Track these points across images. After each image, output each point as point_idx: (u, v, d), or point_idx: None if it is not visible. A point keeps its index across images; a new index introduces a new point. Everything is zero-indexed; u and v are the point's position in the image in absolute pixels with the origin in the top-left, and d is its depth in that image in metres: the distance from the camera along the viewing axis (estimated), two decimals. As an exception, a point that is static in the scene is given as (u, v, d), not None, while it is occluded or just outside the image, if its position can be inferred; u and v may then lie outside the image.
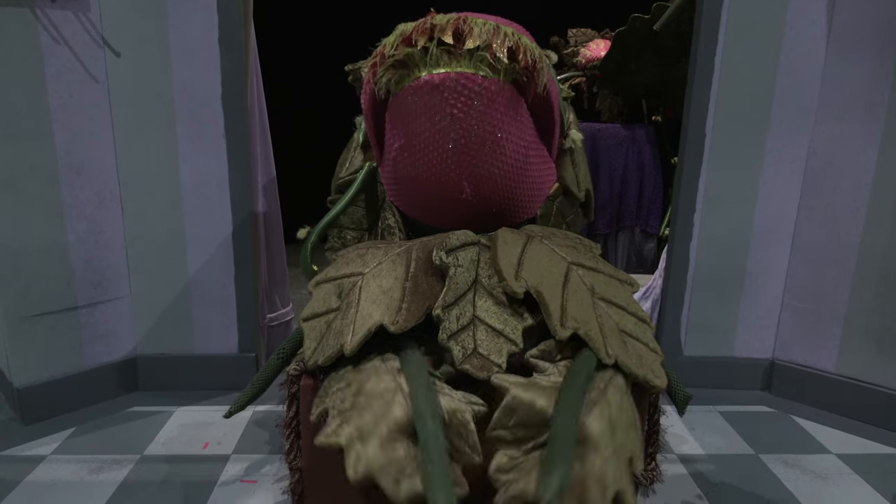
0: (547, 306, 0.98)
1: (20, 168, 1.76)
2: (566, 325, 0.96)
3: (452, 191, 1.16)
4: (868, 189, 1.94)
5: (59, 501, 1.50)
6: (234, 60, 1.94)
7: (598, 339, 0.95)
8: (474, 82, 1.06)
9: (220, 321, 2.12)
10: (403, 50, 1.07)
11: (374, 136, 1.29)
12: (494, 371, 0.94)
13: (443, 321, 0.97)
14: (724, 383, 2.24)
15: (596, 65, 3.38)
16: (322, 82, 4.31)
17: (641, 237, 3.42)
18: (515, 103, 1.13)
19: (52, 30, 1.76)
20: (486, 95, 1.07)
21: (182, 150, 1.98)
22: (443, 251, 1.03)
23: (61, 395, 1.93)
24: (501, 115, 1.11)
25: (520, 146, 1.17)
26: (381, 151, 1.31)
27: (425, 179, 1.16)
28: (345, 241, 1.57)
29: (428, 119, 1.09)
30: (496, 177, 1.16)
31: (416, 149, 1.13)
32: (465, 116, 1.08)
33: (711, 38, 1.99)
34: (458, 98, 1.06)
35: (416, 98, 1.09)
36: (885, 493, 1.61)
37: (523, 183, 1.22)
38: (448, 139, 1.09)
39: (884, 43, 1.86)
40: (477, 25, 1.05)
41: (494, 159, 1.14)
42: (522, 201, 1.25)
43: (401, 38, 1.07)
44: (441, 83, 1.05)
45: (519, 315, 1.01)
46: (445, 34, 1.04)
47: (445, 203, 1.18)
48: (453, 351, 0.95)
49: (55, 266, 1.87)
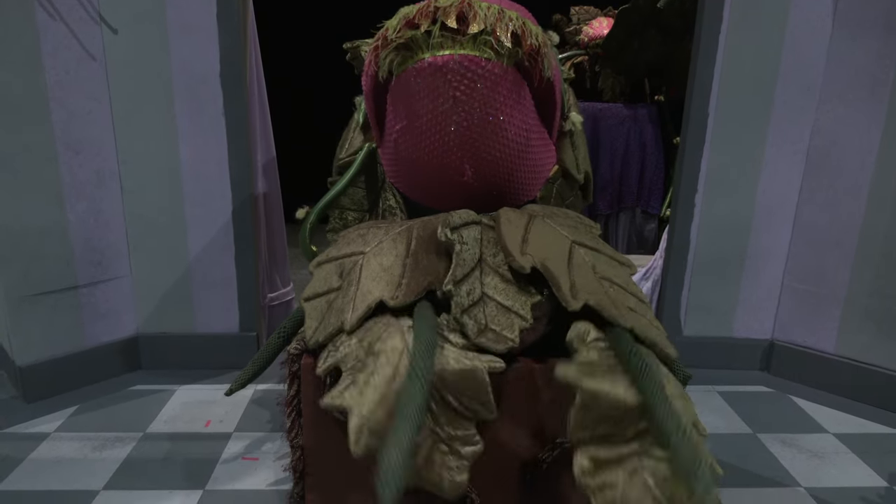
0: (556, 279, 0.98)
1: (17, 147, 1.75)
2: (577, 297, 0.95)
3: (454, 173, 1.15)
4: (871, 170, 1.93)
5: (62, 478, 1.51)
6: (232, 37, 1.92)
7: (612, 308, 0.95)
8: (478, 65, 1.05)
9: (220, 300, 2.12)
10: (406, 33, 1.06)
11: (374, 117, 1.29)
12: (509, 345, 0.94)
13: (454, 296, 0.96)
14: (723, 363, 2.25)
15: (598, 43, 3.35)
16: (322, 60, 4.26)
17: (642, 218, 3.41)
18: (518, 86, 1.12)
19: (49, 6, 1.74)
20: (489, 78, 1.07)
21: (181, 129, 1.97)
22: (447, 228, 1.03)
23: (63, 373, 1.94)
24: (504, 98, 1.10)
25: (522, 129, 1.16)
26: (381, 132, 1.31)
27: (427, 162, 1.16)
28: (346, 221, 1.57)
29: (431, 101, 1.08)
30: (498, 160, 1.15)
31: (418, 131, 1.13)
32: (468, 99, 1.07)
33: (716, 15, 1.96)
34: (462, 81, 1.06)
35: (418, 80, 1.08)
36: (881, 473, 1.62)
37: (524, 166, 1.22)
38: (450, 122, 1.09)
39: (889, 21, 1.83)
40: (481, 9, 1.04)
41: (496, 142, 1.13)
42: (523, 184, 1.25)
43: (404, 21, 1.06)
44: (444, 65, 1.05)
45: (526, 291, 1.01)
46: (449, 17, 1.03)
47: (446, 185, 1.18)
48: (467, 326, 0.95)
49: (55, 245, 1.86)
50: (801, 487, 1.55)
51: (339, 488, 1.07)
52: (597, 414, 0.81)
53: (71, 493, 1.46)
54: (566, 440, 1.02)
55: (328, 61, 3.14)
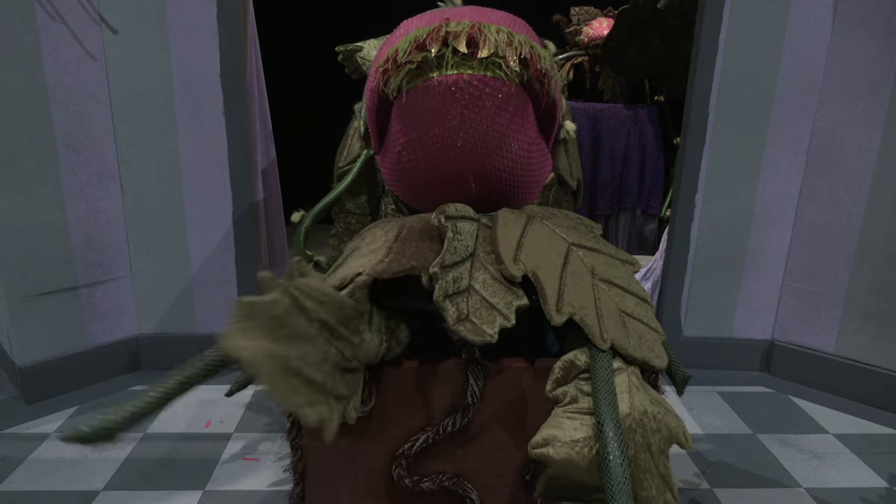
0: (544, 290, 0.99)
1: (18, 147, 1.75)
2: (562, 311, 0.96)
3: (458, 185, 1.19)
4: (871, 170, 1.93)
5: (62, 479, 1.51)
6: (232, 37, 1.92)
7: (594, 323, 0.96)
8: (486, 84, 1.09)
9: (221, 300, 2.12)
10: (416, 56, 1.08)
11: (375, 127, 1.30)
12: (486, 339, 0.94)
13: (439, 280, 0.96)
14: (724, 364, 2.25)
15: (598, 44, 3.35)
16: (323, 62, 4.26)
17: (642, 218, 3.41)
18: (524, 104, 1.16)
19: (49, 6, 1.74)
20: (496, 98, 1.10)
21: (181, 129, 1.97)
22: (442, 214, 1.04)
23: (64, 374, 1.94)
24: (511, 116, 1.14)
25: (524, 144, 1.20)
26: (380, 142, 1.32)
27: (431, 173, 1.19)
28: (349, 225, 1.57)
29: (439, 118, 1.11)
30: (501, 172, 1.19)
31: (425, 145, 1.16)
32: (476, 117, 1.10)
33: (716, 15, 1.96)
34: (470, 99, 1.09)
35: (428, 98, 1.11)
36: (881, 473, 1.62)
37: (525, 177, 1.26)
38: (458, 137, 1.12)
39: (889, 21, 1.83)
40: (491, 33, 1.07)
41: (500, 157, 1.16)
42: (523, 193, 1.29)
43: (414, 45, 1.09)
44: (454, 84, 1.08)
45: (514, 293, 1.01)
46: (460, 43, 1.06)
47: (449, 196, 1.21)
48: (448, 311, 0.95)
49: (55, 246, 1.86)
50: (801, 488, 1.55)
51: (339, 488, 1.07)
52: (565, 484, 0.87)
53: (71, 493, 1.46)
54: None
55: (329, 63, 3.14)
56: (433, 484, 1.05)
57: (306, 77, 4.43)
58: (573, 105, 3.25)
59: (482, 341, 0.93)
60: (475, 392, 1.02)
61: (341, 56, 1.74)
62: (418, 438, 1.03)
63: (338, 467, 1.06)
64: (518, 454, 1.04)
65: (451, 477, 1.06)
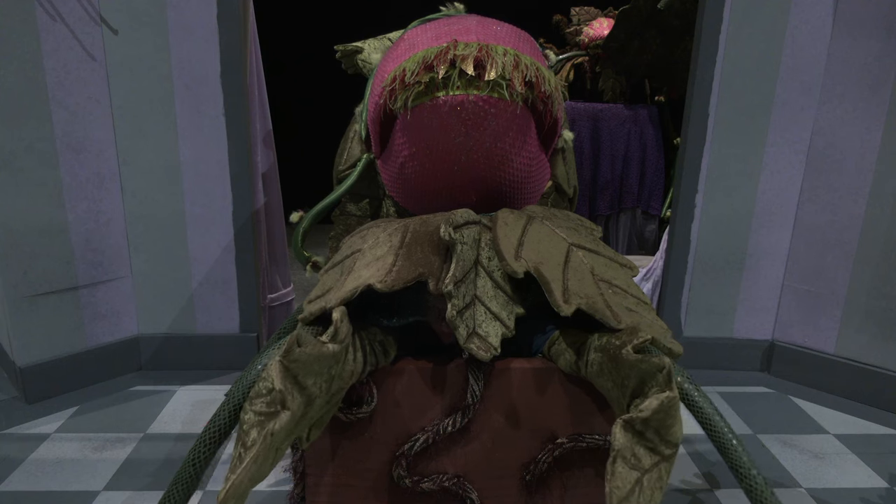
0: (548, 284, 0.98)
1: (18, 147, 1.75)
2: (570, 301, 0.96)
3: (460, 197, 1.22)
4: (871, 170, 1.93)
5: (63, 479, 1.51)
6: (232, 37, 1.92)
7: (604, 309, 0.95)
8: (491, 105, 1.11)
9: (221, 301, 2.12)
10: (424, 76, 1.11)
11: (377, 135, 1.32)
12: (491, 353, 0.95)
13: (453, 297, 0.96)
14: (724, 364, 2.25)
15: (599, 44, 3.35)
16: (324, 61, 4.27)
17: (643, 218, 3.41)
18: (527, 122, 1.19)
19: (49, 6, 1.74)
20: (501, 117, 1.13)
21: (181, 129, 1.97)
22: (451, 227, 1.03)
23: (64, 374, 1.94)
24: (514, 134, 1.16)
25: (526, 159, 1.23)
26: (382, 148, 1.34)
27: (434, 186, 1.22)
28: (349, 227, 1.57)
29: (444, 135, 1.14)
30: (503, 186, 1.22)
31: (429, 159, 1.18)
32: (480, 135, 1.13)
33: (716, 15, 1.96)
34: (475, 119, 1.11)
35: (433, 116, 1.13)
36: (881, 473, 1.62)
37: (526, 188, 1.29)
38: (461, 154, 1.15)
39: (889, 21, 1.83)
40: (498, 55, 1.10)
41: (503, 172, 1.20)
42: (523, 203, 1.32)
43: (422, 66, 1.11)
44: (460, 104, 1.10)
45: (514, 300, 1.01)
46: (467, 65, 1.08)
47: (450, 205, 1.24)
48: (459, 329, 0.95)
49: (56, 246, 1.86)
50: (801, 488, 1.55)
51: (339, 488, 1.08)
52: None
53: (71, 493, 1.46)
54: (565, 440, 1.02)
55: (330, 62, 3.14)
56: (433, 484, 1.05)
57: (306, 77, 4.44)
58: (573, 105, 3.25)
59: (489, 357, 0.94)
60: (475, 392, 1.02)
61: (339, 54, 1.74)
62: (418, 439, 1.03)
63: (338, 467, 1.06)
64: (518, 455, 1.04)
65: (451, 477, 1.06)
